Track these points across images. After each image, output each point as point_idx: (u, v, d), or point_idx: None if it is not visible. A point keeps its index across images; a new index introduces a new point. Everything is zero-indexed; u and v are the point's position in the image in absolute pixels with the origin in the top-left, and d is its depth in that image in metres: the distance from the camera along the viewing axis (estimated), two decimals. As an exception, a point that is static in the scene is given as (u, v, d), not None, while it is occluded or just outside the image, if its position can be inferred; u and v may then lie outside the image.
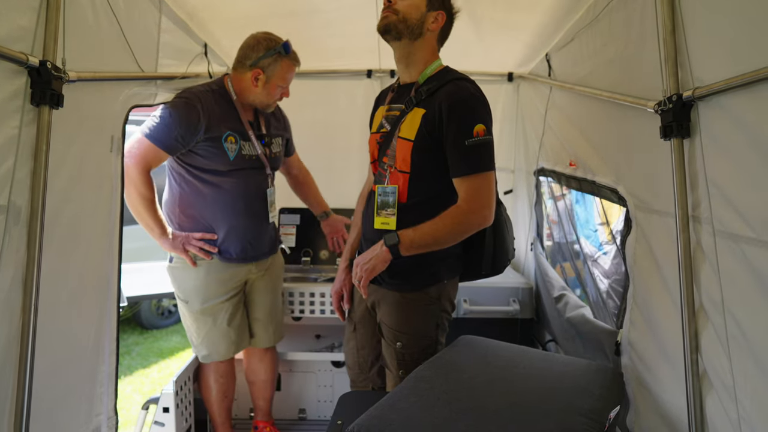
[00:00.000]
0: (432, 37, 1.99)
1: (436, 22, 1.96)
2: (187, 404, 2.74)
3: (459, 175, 1.88)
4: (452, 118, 1.84)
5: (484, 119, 1.86)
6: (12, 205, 1.41)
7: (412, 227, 1.89)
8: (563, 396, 1.60)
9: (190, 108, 2.33)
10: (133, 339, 5.77)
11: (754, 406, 1.28)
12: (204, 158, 2.41)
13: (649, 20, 1.71)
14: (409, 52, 1.99)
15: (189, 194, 2.49)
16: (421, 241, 1.88)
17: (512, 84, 3.61)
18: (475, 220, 1.89)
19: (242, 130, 2.49)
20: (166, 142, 2.32)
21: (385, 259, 1.91)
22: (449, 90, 1.88)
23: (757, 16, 1.25)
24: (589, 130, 2.37)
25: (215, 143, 2.39)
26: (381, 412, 1.56)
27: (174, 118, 2.31)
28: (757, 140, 1.25)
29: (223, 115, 2.43)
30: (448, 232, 1.88)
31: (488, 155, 1.88)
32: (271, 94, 2.48)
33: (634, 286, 1.91)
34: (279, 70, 2.43)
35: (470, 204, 1.86)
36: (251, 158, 2.51)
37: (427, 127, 1.89)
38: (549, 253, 3.32)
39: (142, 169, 2.32)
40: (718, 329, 1.41)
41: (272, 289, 2.81)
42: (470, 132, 1.83)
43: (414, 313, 2.02)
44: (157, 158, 2.36)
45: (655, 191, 1.75)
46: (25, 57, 1.40)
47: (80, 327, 1.84)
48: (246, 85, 2.45)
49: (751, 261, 1.26)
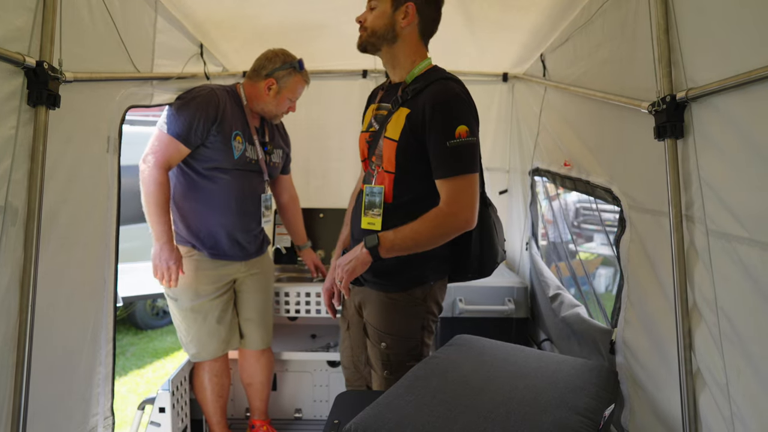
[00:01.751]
0: (410, 35, 1.96)
1: (407, 17, 1.92)
2: (183, 404, 2.75)
3: (440, 177, 1.84)
4: (434, 119, 1.81)
5: (467, 120, 1.82)
6: (9, 205, 1.41)
7: (393, 229, 1.86)
8: (558, 394, 1.61)
9: (210, 98, 2.45)
10: (127, 339, 5.76)
11: (746, 404, 1.29)
12: (210, 152, 2.47)
13: (642, 21, 1.73)
14: (392, 56, 2.00)
15: (185, 187, 2.55)
16: (402, 244, 1.85)
17: (507, 84, 3.62)
18: (455, 223, 1.84)
19: (249, 133, 2.59)
20: (186, 135, 2.40)
21: (364, 261, 1.87)
22: (433, 90, 1.85)
23: (749, 18, 1.26)
24: (583, 131, 2.39)
25: (224, 139, 2.47)
26: (377, 411, 1.56)
27: (193, 109, 2.40)
28: (750, 141, 1.26)
29: (234, 114, 2.53)
30: (428, 234, 1.84)
31: (470, 157, 1.83)
32: (280, 105, 2.62)
33: (628, 285, 1.92)
34: (291, 83, 2.61)
35: (451, 206, 1.82)
36: (251, 161, 2.60)
37: (411, 127, 1.86)
38: (544, 253, 3.33)
39: (162, 170, 2.41)
40: (711, 328, 1.42)
41: (263, 289, 2.84)
42: (452, 133, 1.79)
43: (398, 314, 2.01)
44: (178, 153, 2.44)
45: (648, 191, 1.76)
46: (21, 57, 1.40)
47: (77, 327, 1.85)
48: (258, 93, 2.59)
49: (743, 260, 1.27)
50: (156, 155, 2.40)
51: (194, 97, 2.43)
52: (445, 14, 2.01)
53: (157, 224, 2.43)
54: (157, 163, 2.40)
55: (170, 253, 2.45)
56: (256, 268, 2.78)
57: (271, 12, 2.64)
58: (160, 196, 2.42)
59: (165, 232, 2.44)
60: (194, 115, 2.39)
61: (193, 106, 2.41)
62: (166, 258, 2.45)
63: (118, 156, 2.04)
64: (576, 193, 2.59)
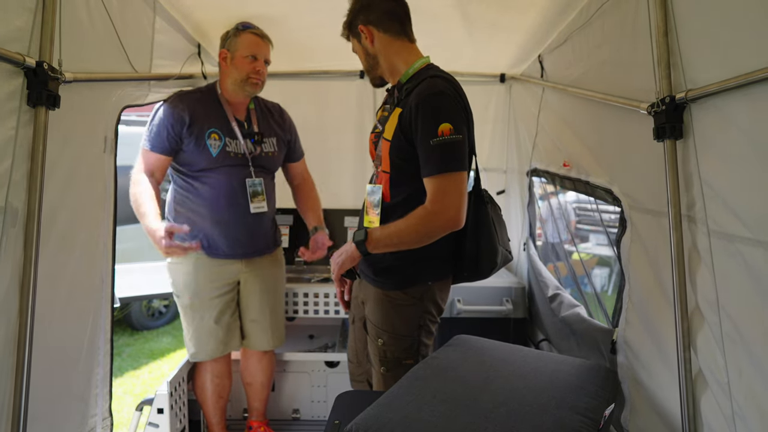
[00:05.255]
0: (384, 46, 1.99)
1: (368, 37, 1.98)
2: (182, 405, 2.74)
3: (426, 175, 1.82)
4: (418, 117, 1.80)
5: (451, 118, 1.78)
6: (9, 206, 1.41)
7: (381, 226, 1.90)
8: (558, 394, 1.62)
9: (173, 105, 2.47)
10: (123, 340, 5.74)
11: (748, 403, 1.30)
12: (188, 155, 2.49)
13: (642, 22, 1.73)
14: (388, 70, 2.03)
15: (180, 191, 2.57)
16: (387, 240, 1.86)
17: (504, 85, 3.63)
18: (439, 222, 1.82)
19: (228, 127, 2.55)
20: (159, 144, 2.46)
21: (352, 256, 1.94)
22: (419, 88, 1.83)
23: (749, 19, 1.27)
24: (582, 131, 2.39)
25: (198, 140, 2.46)
26: (378, 411, 1.56)
27: (160, 119, 2.45)
28: (750, 141, 1.27)
29: (207, 114, 2.52)
30: (412, 232, 1.84)
31: (454, 155, 1.79)
32: (240, 68, 2.52)
33: (629, 285, 1.93)
34: (240, 42, 2.53)
35: (435, 205, 1.80)
36: (236, 156, 2.56)
37: (401, 126, 1.87)
38: (541, 253, 3.34)
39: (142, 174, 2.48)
40: (713, 327, 1.43)
41: (269, 290, 2.79)
42: (435, 131, 1.76)
43: (395, 311, 2.01)
44: (158, 161, 2.48)
45: (649, 192, 1.77)
46: (21, 58, 1.40)
47: (76, 328, 1.84)
48: (222, 73, 2.58)
49: (746, 260, 1.28)
50: (140, 166, 2.50)
51: (161, 107, 2.49)
52: (443, 15, 2.01)
53: (143, 216, 2.39)
54: (138, 170, 2.49)
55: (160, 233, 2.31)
56: (260, 268, 2.73)
57: (268, 12, 2.64)
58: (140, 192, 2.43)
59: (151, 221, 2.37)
60: (161, 123, 2.44)
61: (160, 115, 2.46)
62: (159, 239, 2.33)
63: (114, 156, 2.03)
64: (571, 193, 2.60)
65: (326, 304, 3.11)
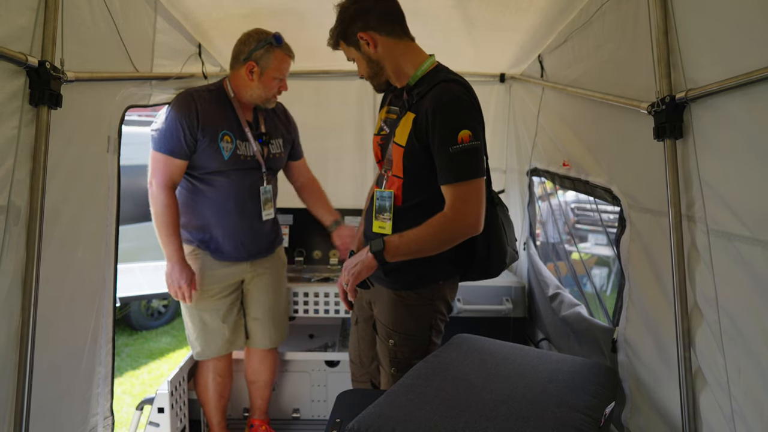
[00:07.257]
0: (388, 50, 1.94)
1: (370, 43, 1.92)
2: (182, 404, 2.74)
3: (444, 183, 1.83)
4: (436, 124, 1.79)
5: (470, 124, 1.79)
6: (12, 205, 1.41)
7: (399, 234, 1.86)
8: (559, 392, 1.62)
9: (184, 104, 2.38)
10: (122, 340, 5.73)
11: (747, 401, 1.30)
12: (200, 158, 2.44)
13: (642, 22, 1.74)
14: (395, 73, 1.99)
15: (187, 193, 2.54)
16: (407, 249, 1.85)
17: (504, 85, 3.63)
18: (460, 229, 1.83)
19: (239, 129, 2.51)
20: (179, 148, 2.38)
21: (370, 265, 1.87)
22: (435, 93, 1.82)
23: (748, 18, 1.28)
24: (582, 131, 2.40)
25: (210, 142, 2.42)
26: (379, 410, 1.57)
27: (174, 119, 2.37)
28: (749, 141, 1.28)
29: (219, 115, 2.46)
30: (432, 240, 1.83)
31: (474, 162, 1.81)
32: (267, 87, 2.48)
33: (629, 284, 1.94)
34: (272, 60, 2.44)
35: (455, 212, 1.81)
36: (246, 158, 2.52)
37: (416, 132, 1.86)
38: (542, 252, 3.34)
39: (167, 190, 2.41)
40: (712, 326, 1.44)
41: (272, 288, 2.79)
42: (454, 138, 1.76)
43: (406, 312, 2.02)
44: (177, 168, 2.43)
45: (648, 191, 1.78)
46: (24, 57, 1.40)
47: (78, 327, 1.85)
48: (243, 81, 2.47)
49: (745, 259, 1.29)
50: (157, 177, 2.41)
51: (172, 108, 2.40)
52: (443, 15, 2.01)
53: (168, 245, 2.44)
54: (160, 185, 2.40)
55: (181, 273, 2.45)
56: (264, 268, 2.73)
57: (268, 11, 2.64)
58: (169, 217, 2.42)
59: (176, 251, 2.44)
60: (176, 125, 2.36)
61: (173, 117, 2.38)
62: (177, 278, 2.46)
63: (117, 156, 2.03)
64: (570, 193, 2.61)
65: (326, 303, 3.11)
